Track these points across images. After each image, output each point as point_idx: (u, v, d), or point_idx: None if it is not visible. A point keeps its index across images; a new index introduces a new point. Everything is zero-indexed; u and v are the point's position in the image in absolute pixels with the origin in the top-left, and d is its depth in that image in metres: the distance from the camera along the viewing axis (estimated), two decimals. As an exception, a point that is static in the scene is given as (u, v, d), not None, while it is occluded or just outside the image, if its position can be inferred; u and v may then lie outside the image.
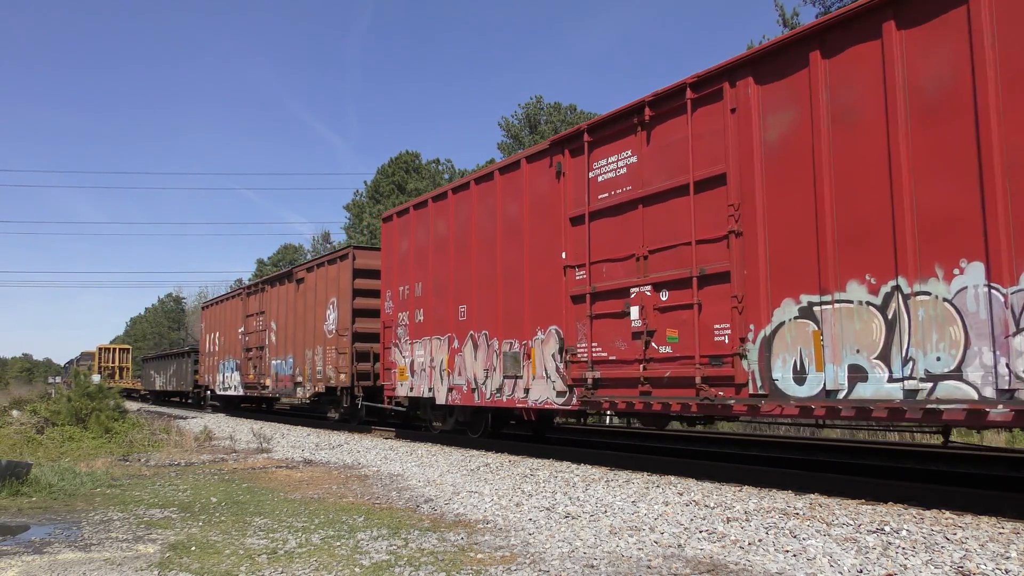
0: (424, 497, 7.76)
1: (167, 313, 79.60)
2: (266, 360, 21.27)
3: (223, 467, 10.94)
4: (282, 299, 20.44)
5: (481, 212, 11.80)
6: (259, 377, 21.63)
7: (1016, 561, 4.50)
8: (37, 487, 8.27)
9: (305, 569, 4.89)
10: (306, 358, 18.40)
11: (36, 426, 14.08)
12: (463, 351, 11.98)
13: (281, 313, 20.40)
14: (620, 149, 9.27)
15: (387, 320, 14.38)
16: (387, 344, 14.34)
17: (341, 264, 17.00)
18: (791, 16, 20.26)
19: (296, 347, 19.09)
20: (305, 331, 18.52)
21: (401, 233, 14.20)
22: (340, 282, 16.89)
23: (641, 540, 5.51)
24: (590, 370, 9.31)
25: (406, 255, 13.88)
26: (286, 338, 19.86)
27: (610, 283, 9.21)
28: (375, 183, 41.91)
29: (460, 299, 12.13)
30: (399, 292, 14.04)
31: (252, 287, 23.22)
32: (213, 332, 27.40)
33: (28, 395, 26.56)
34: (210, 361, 27.55)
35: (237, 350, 23.99)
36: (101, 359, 54.54)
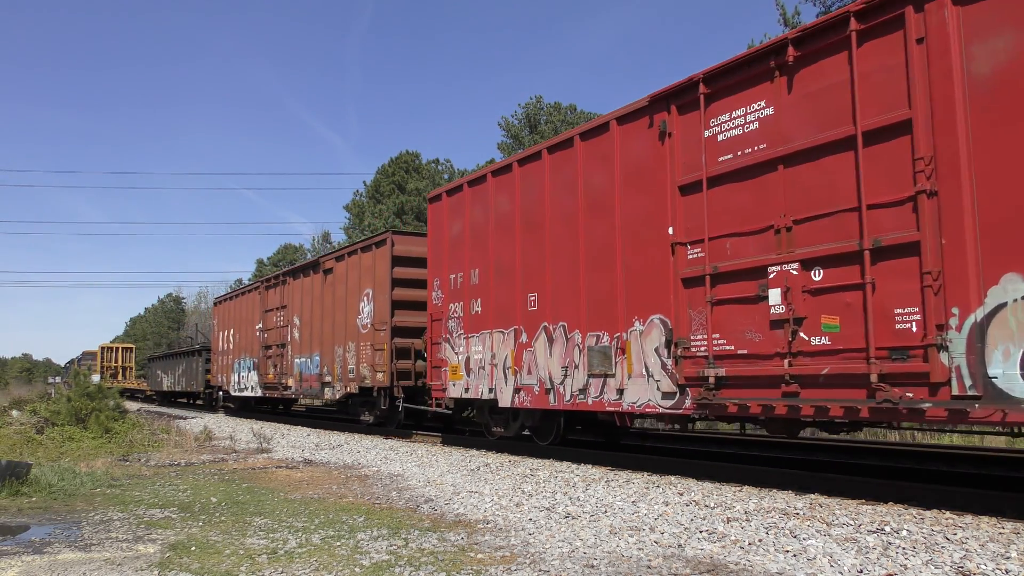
0: (424, 497, 7.76)
1: (167, 313, 79.61)
2: (288, 358, 19.74)
3: (223, 467, 10.94)
4: (307, 292, 18.80)
5: (556, 185, 10.26)
6: (280, 377, 20.08)
7: (1016, 561, 4.50)
8: (37, 487, 8.27)
9: (305, 569, 4.88)
10: (335, 356, 16.85)
11: (36, 426, 14.08)
12: (533, 346, 10.46)
13: (305, 307, 18.80)
14: (749, 100, 7.72)
15: (435, 312, 12.80)
16: (435, 339, 12.73)
17: (377, 251, 15.42)
18: (792, 15, 20.26)
19: (324, 344, 17.52)
20: (334, 326, 16.96)
21: (452, 214, 12.51)
22: (377, 271, 15.34)
23: (641, 540, 5.50)
24: (710, 367, 7.82)
25: (459, 238, 12.26)
26: (311, 334, 18.29)
27: (738, 261, 7.68)
28: (375, 183, 41.90)
29: (529, 286, 10.61)
30: (450, 280, 12.45)
31: (272, 279, 21.33)
32: (227, 329, 25.68)
33: (28, 395, 26.58)
34: (224, 360, 25.87)
35: (255, 348, 22.36)
36: (104, 358, 53.50)
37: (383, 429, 15.70)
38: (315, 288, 18.32)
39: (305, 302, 18.88)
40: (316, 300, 18.20)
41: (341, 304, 16.74)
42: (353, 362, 16.03)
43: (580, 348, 9.65)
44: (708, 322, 7.95)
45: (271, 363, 20.88)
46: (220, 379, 26.31)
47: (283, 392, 19.92)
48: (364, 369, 15.50)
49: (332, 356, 17.04)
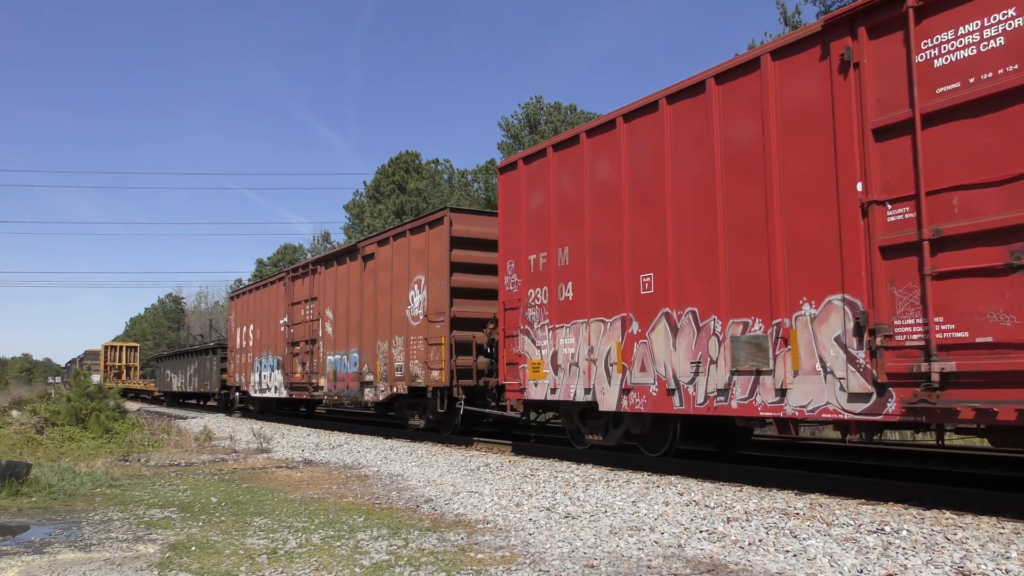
0: (424, 497, 7.76)
1: (167, 313, 79.67)
2: (319, 356, 17.77)
3: (223, 467, 10.94)
4: (342, 281, 16.93)
5: (681, 141, 8.48)
6: (310, 376, 18.18)
7: (1016, 561, 4.50)
8: (37, 487, 8.27)
9: (305, 569, 4.88)
10: (378, 352, 14.95)
11: (36, 426, 14.08)
12: (649, 337, 8.68)
13: (340, 298, 16.92)
14: (987, 10, 6.02)
15: (509, 300, 11.04)
16: (510, 331, 10.95)
17: (432, 232, 13.51)
18: (792, 15, 20.25)
19: (363, 339, 15.65)
20: (377, 319, 15.10)
21: (533, 184, 10.75)
22: (431, 255, 13.43)
23: (641, 540, 5.51)
24: (930, 359, 6.09)
25: (542, 212, 10.52)
26: (348, 328, 16.36)
27: (974, 222, 5.96)
28: (375, 183, 41.94)
29: (641, 265, 8.84)
30: (529, 263, 10.70)
31: (299, 269, 19.49)
32: (246, 324, 23.60)
33: (28, 395, 26.60)
34: (242, 358, 23.86)
35: (279, 345, 20.45)
36: (108, 358, 52.36)
37: (436, 436, 13.98)
38: (352, 277, 16.43)
39: (340, 293, 16.98)
40: (354, 290, 16.31)
41: (385, 294, 14.91)
42: (401, 359, 14.14)
43: (719, 339, 7.91)
44: (926, 302, 6.18)
45: (298, 361, 18.99)
46: (238, 379, 24.30)
47: (313, 393, 18.03)
48: (415, 367, 13.63)
49: (374, 352, 15.14)
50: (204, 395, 33.16)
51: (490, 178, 37.88)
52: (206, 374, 30.04)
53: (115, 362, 52.36)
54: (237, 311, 25.08)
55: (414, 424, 14.50)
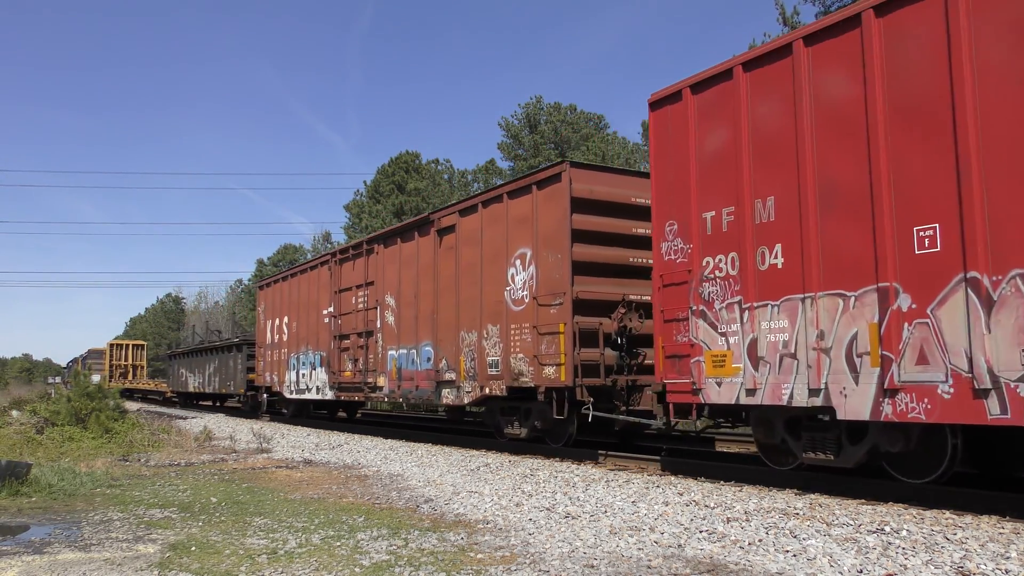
0: (424, 497, 7.76)
1: (167, 313, 79.71)
2: (377, 351, 15.05)
3: (223, 467, 10.94)
4: (408, 262, 14.26)
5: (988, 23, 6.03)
6: (364, 375, 15.47)
7: (1016, 561, 4.50)
8: (37, 487, 8.27)
9: (305, 569, 4.89)
10: (462, 345, 12.33)
11: (36, 426, 14.08)
12: (934, 315, 6.20)
13: (407, 282, 14.24)
14: None
15: (671, 273, 8.53)
16: (673, 314, 8.45)
17: (542, 194, 10.83)
18: (791, 15, 20.26)
19: (440, 329, 13.00)
20: (460, 305, 12.45)
21: (708, 119, 8.24)
22: (540, 222, 10.80)
23: (641, 540, 5.51)
24: None
25: (724, 154, 8.03)
26: (417, 318, 13.73)
27: None
28: (375, 183, 41.94)
29: (915, 214, 6.39)
30: (704, 223, 8.19)
31: (349, 250, 16.82)
32: (278, 317, 21.01)
33: (28, 395, 26.60)
34: (273, 355, 21.16)
35: (322, 339, 17.78)
36: (113, 357, 49.39)
37: (543, 448, 11.23)
38: (423, 256, 13.74)
39: (406, 275, 14.32)
40: (425, 271, 13.60)
41: (472, 274, 12.23)
42: (497, 352, 11.48)
43: None
44: None
45: (348, 357, 16.31)
46: (268, 378, 21.48)
47: (369, 394, 15.47)
48: (518, 362, 11.02)
49: (455, 346, 12.54)
50: (219, 395, 30.69)
51: (490, 178, 37.89)
52: (229, 373, 27.12)
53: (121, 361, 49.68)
54: (267, 302, 22.23)
55: (512, 433, 11.70)
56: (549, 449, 11.05)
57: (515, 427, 11.67)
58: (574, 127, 37.16)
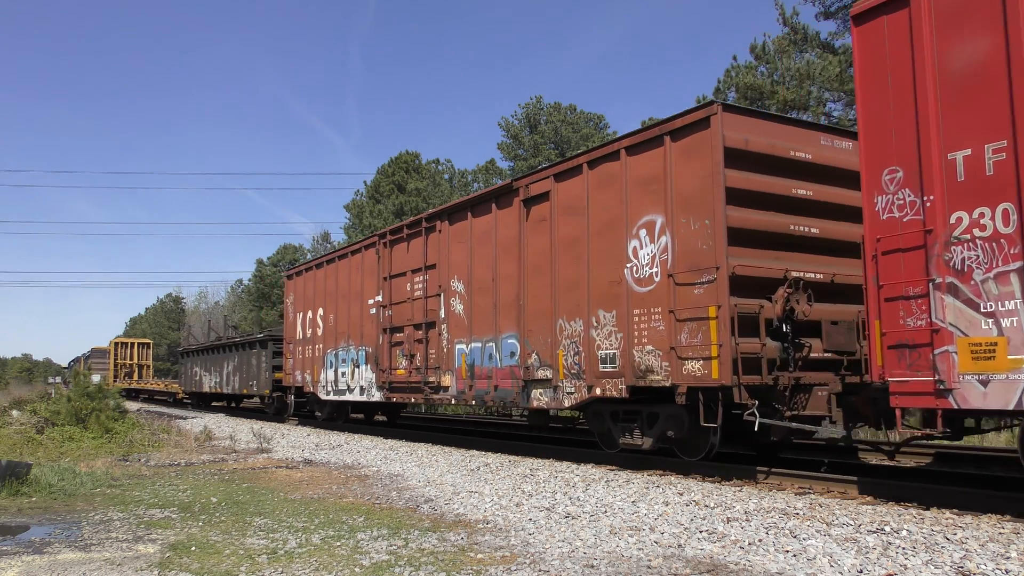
0: (424, 497, 7.77)
1: (167, 313, 79.72)
2: (441, 345, 12.98)
3: (223, 467, 10.94)
4: (482, 240, 12.10)
5: None
6: (424, 373, 13.38)
7: (1016, 561, 4.50)
8: (37, 487, 8.27)
9: (305, 569, 4.89)
10: (560, 336, 10.24)
11: (36, 426, 14.08)
12: None
13: (481, 263, 12.10)
14: None
15: (892, 237, 6.62)
16: (899, 290, 6.52)
17: (680, 146, 8.76)
18: (791, 15, 20.27)
19: (528, 318, 10.89)
20: (557, 287, 10.39)
21: (950, 27, 6.25)
22: (678, 180, 8.69)
23: (641, 540, 5.51)
24: None
25: (975, 74, 6.09)
26: (497, 305, 11.61)
27: None
28: (375, 183, 41.95)
29: None
30: (946, 167, 6.26)
31: (403, 229, 14.57)
32: (311, 309, 18.81)
33: (28, 395, 26.54)
34: (305, 352, 19.02)
35: (367, 332, 15.61)
36: (118, 355, 47.66)
37: (673, 461, 9.32)
38: (503, 231, 11.57)
39: (480, 255, 12.12)
40: (507, 249, 11.46)
41: (574, 249, 10.14)
42: (613, 344, 9.40)
43: None
44: None
45: (401, 353, 14.25)
46: (299, 377, 19.35)
47: (431, 395, 13.24)
48: (645, 355, 8.92)
49: (550, 337, 10.45)
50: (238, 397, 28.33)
51: (490, 178, 37.92)
52: (252, 372, 24.32)
53: (126, 360, 47.91)
54: (297, 292, 19.92)
55: (629, 443, 9.48)
56: (671, 462, 9.28)
57: (634, 436, 9.37)
58: (574, 127, 37.18)
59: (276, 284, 51.75)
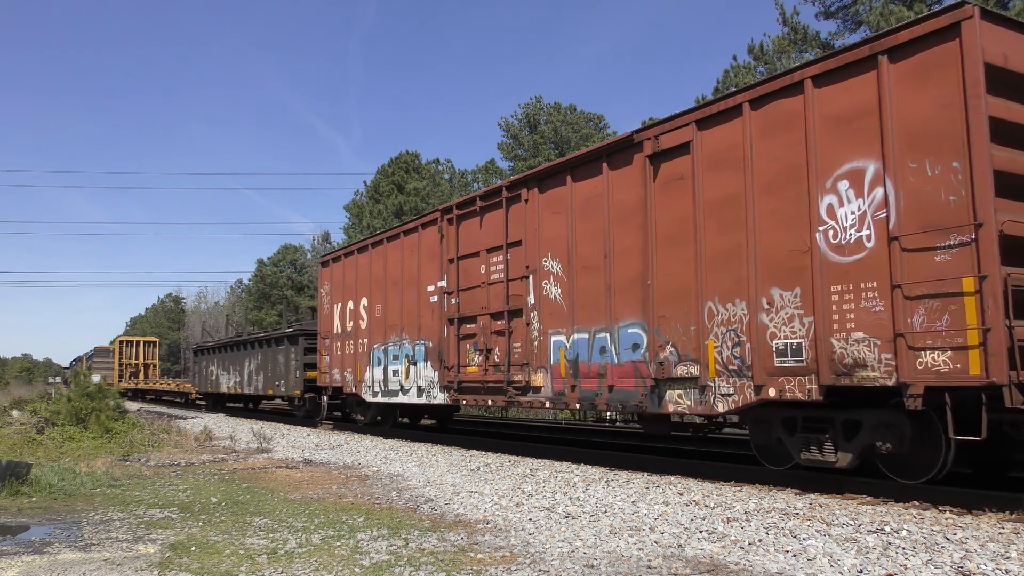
0: (424, 497, 7.77)
1: (167, 313, 79.82)
2: (531, 336, 10.81)
3: (223, 467, 10.94)
4: (588, 208, 9.98)
5: None
6: (506, 370, 11.15)
7: (1016, 561, 4.50)
8: (37, 487, 8.27)
9: (305, 569, 4.89)
10: (710, 322, 8.18)
11: (36, 426, 14.09)
12: None
13: (585, 236, 9.99)
14: None
15: None
16: None
17: (903, 67, 6.75)
18: (791, 15, 20.26)
19: (662, 302, 8.75)
20: (704, 261, 8.31)
21: None
22: (901, 113, 6.70)
23: (641, 540, 5.51)
24: None
25: None
26: (611, 286, 9.49)
27: None
28: (375, 183, 41.99)
29: None
30: None
31: (475, 201, 12.25)
32: (352, 299, 16.57)
33: (28, 395, 26.53)
34: (346, 347, 16.73)
35: (425, 324, 13.53)
36: (122, 355, 45.87)
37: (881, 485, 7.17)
38: (619, 196, 9.51)
39: (584, 227, 10.04)
40: (624, 218, 9.40)
41: (729, 212, 8.08)
42: (798, 330, 7.36)
43: None
44: None
45: (473, 347, 12.14)
46: (336, 376, 17.09)
47: (516, 397, 11.07)
48: (852, 345, 6.88)
49: (695, 324, 8.34)
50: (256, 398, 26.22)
51: (490, 178, 37.94)
52: (279, 371, 21.73)
53: (131, 359, 46.15)
54: (334, 281, 17.65)
55: (817, 459, 7.42)
56: None
57: (823, 450, 7.36)
58: (574, 127, 37.20)
59: (276, 284, 51.80)
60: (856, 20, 19.79)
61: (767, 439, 8.09)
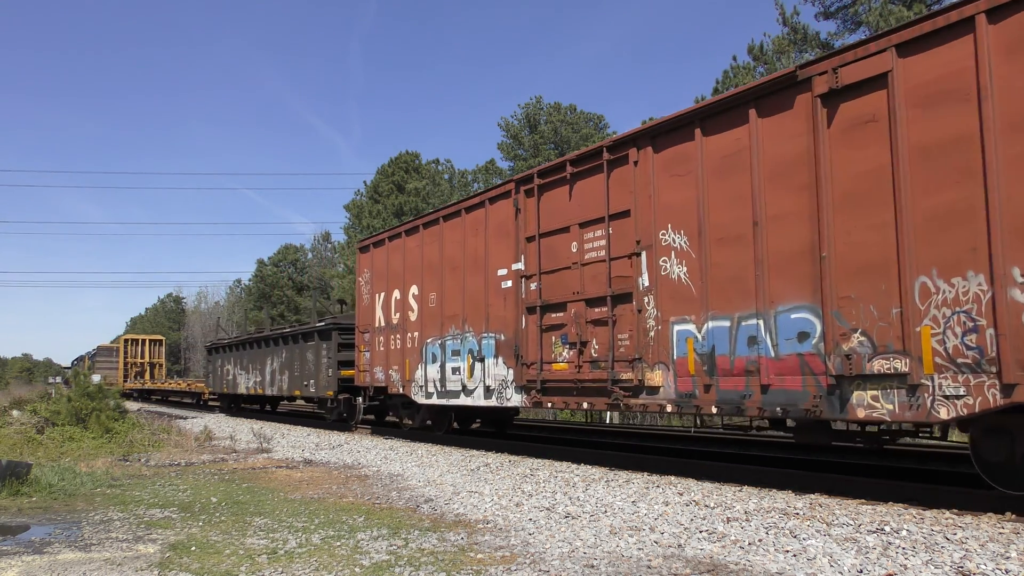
0: (424, 497, 7.77)
1: (167, 313, 79.83)
2: (645, 325, 8.98)
3: (223, 467, 10.94)
4: (723, 166, 8.19)
5: None
6: (611, 367, 9.29)
7: (1016, 561, 4.50)
8: (37, 487, 8.28)
9: (305, 569, 4.89)
10: (925, 303, 6.45)
11: (36, 426, 14.09)
12: None
13: (718, 201, 8.21)
14: None
15: None
16: None
17: None
18: (791, 15, 20.27)
19: (843, 278, 6.99)
20: (909, 223, 6.58)
21: None
22: None
23: (641, 540, 5.51)
24: None
25: None
26: (763, 261, 7.67)
27: None
28: (375, 183, 42.00)
29: None
30: None
31: (566, 166, 10.34)
32: (399, 287, 14.66)
33: (28, 395, 26.54)
34: (391, 342, 14.82)
35: (495, 313, 11.67)
36: (127, 354, 44.88)
37: None
38: (769, 147, 7.74)
39: (718, 189, 8.22)
40: (780, 175, 7.60)
41: (947, 160, 6.44)
42: None
43: None
44: None
45: (562, 339, 10.26)
46: (379, 375, 15.19)
47: (627, 400, 9.12)
48: None
49: (903, 305, 6.56)
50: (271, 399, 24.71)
51: (490, 178, 37.97)
52: (307, 369, 19.67)
53: (136, 359, 45.02)
54: (376, 268, 15.75)
55: None
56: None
57: None
58: (574, 127, 37.21)
59: (277, 284, 51.79)
60: (856, 20, 19.81)
61: (1007, 454, 6.24)
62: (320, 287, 45.47)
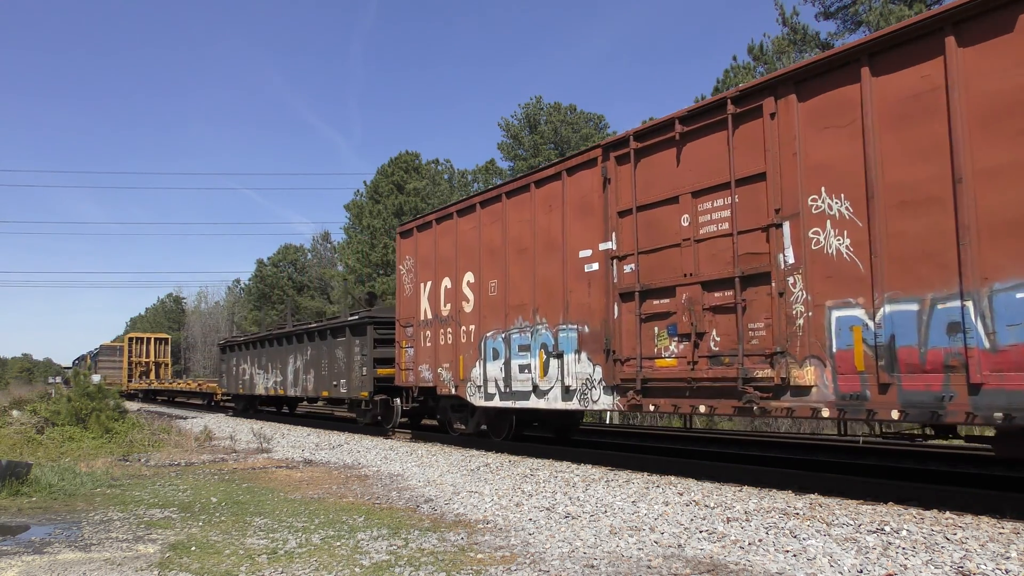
0: (424, 497, 7.76)
1: (167, 313, 79.80)
2: (792, 311, 7.36)
3: (223, 467, 10.94)
4: (901, 115, 6.61)
5: None
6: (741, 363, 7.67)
7: (1016, 561, 4.50)
8: (37, 487, 8.28)
9: (305, 569, 4.89)
10: None
11: (36, 426, 14.09)
12: None
13: (896, 155, 6.65)
14: None
15: None
16: None
17: None
18: (791, 16, 20.28)
19: None
20: None
21: None
22: None
23: (641, 540, 5.51)
24: None
25: None
26: (972, 227, 6.05)
27: None
28: (374, 183, 41.98)
29: None
30: None
31: (675, 124, 8.64)
32: (449, 275, 13.00)
33: (28, 395, 26.54)
34: (440, 337, 13.17)
35: (576, 302, 9.98)
36: (132, 353, 43.99)
37: None
38: (971, 85, 6.23)
39: (891, 144, 6.75)
40: (990, 121, 6.12)
41: None
42: None
43: None
44: None
45: (668, 331, 8.63)
46: (427, 374, 13.48)
47: (766, 402, 7.50)
48: None
49: None
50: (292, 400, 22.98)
51: (490, 178, 37.96)
52: (337, 368, 17.51)
53: (142, 358, 44.07)
54: (420, 254, 14.04)
55: None
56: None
57: None
58: (574, 127, 37.20)
59: (277, 284, 51.77)
60: (856, 20, 19.81)
61: None
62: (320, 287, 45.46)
